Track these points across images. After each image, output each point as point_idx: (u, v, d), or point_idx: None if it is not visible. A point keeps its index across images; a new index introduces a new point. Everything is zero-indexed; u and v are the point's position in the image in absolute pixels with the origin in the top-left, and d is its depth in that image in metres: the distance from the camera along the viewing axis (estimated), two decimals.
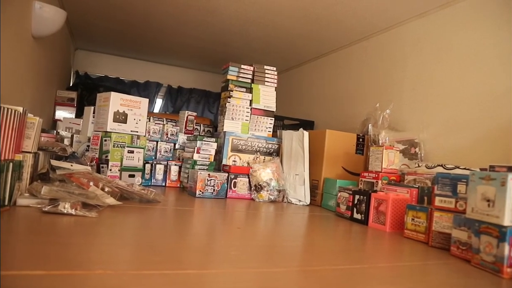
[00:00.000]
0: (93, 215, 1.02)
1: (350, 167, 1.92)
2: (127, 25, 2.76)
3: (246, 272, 0.70)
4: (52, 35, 1.97)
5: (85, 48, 3.69)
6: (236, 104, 1.96)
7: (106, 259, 0.68)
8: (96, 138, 1.70)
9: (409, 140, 1.88)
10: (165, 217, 1.17)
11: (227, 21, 2.47)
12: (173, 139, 2.10)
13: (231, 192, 1.78)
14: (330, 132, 1.88)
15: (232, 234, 1.02)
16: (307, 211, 1.64)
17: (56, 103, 2.75)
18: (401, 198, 1.34)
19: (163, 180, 1.97)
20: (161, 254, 0.75)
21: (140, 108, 1.76)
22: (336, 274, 0.75)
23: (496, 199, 0.86)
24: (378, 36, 2.37)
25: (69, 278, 0.57)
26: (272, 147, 1.99)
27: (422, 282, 0.76)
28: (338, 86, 2.75)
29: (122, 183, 1.38)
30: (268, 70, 2.04)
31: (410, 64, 2.08)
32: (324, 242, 1.05)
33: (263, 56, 3.20)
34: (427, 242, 1.13)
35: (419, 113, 1.96)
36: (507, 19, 1.59)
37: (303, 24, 2.37)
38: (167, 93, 4.04)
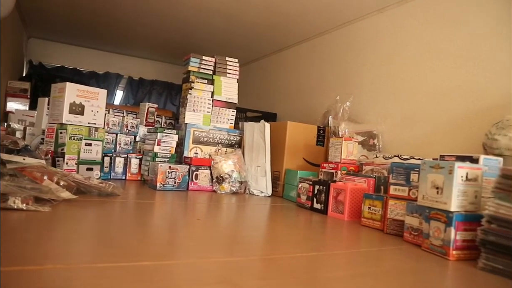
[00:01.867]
0: (46, 210, 0.98)
1: (311, 158, 1.95)
2: (86, 13, 2.65)
3: (205, 262, 0.70)
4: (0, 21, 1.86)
5: (39, 37, 3.52)
6: (197, 96, 1.94)
7: (58, 253, 0.66)
8: (51, 130, 1.64)
9: (368, 132, 1.94)
10: (125, 211, 1.15)
11: (189, 12, 2.44)
12: (134, 132, 2.05)
13: (192, 184, 1.76)
14: (291, 124, 1.91)
15: (192, 226, 1.02)
16: (268, 202, 1.66)
17: (7, 94, 2.62)
18: (359, 188, 1.38)
19: (123, 173, 1.92)
20: (118, 247, 0.74)
21: (98, 100, 1.71)
22: (295, 261, 0.76)
23: (444, 187, 0.91)
24: (339, 30, 2.41)
25: (18, 274, 0.55)
26: (234, 139, 1.99)
27: (376, 266, 0.79)
28: (300, 79, 2.78)
29: (79, 176, 1.34)
30: (230, 62, 2.03)
31: (369, 58, 2.14)
32: (285, 232, 1.07)
33: (226, 48, 3.18)
34: (382, 229, 1.18)
35: (377, 105, 2.02)
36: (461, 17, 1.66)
37: (266, 16, 2.37)
38: (128, 85, 3.94)
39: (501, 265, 0.78)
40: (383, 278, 0.72)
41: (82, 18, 2.80)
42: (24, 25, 3.09)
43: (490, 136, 1.26)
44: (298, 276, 0.67)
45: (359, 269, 0.76)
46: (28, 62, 3.51)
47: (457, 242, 0.87)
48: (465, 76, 1.61)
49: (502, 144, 1.21)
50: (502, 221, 0.78)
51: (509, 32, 1.46)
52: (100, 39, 3.39)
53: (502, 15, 1.50)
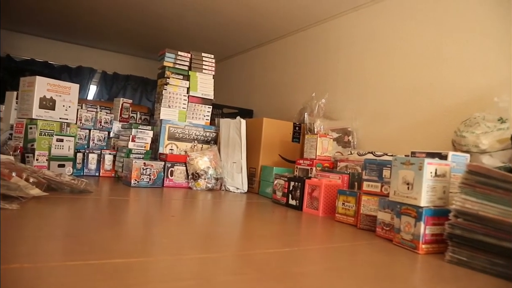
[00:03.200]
0: (14, 207, 0.95)
1: (287, 155, 1.97)
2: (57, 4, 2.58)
3: (179, 259, 0.70)
4: None
5: (7, 28, 3.39)
6: (173, 92, 1.92)
7: (25, 252, 0.64)
8: (20, 125, 1.59)
9: (343, 129, 1.97)
10: (98, 208, 1.12)
11: (164, 5, 2.40)
12: (107, 127, 2.01)
13: (168, 181, 1.75)
14: (267, 120, 1.91)
15: (166, 223, 1.01)
16: (244, 198, 1.66)
17: None
18: (333, 184, 1.40)
19: (96, 169, 1.89)
20: (89, 244, 0.72)
21: (69, 94, 1.67)
22: (270, 257, 0.77)
23: (414, 182, 0.93)
24: (314, 28, 2.43)
25: None
26: (210, 135, 1.98)
27: (349, 261, 0.81)
28: (276, 76, 2.79)
29: (49, 173, 1.31)
30: (206, 58, 2.01)
31: (343, 55, 2.16)
32: (260, 228, 1.07)
33: (202, 44, 3.15)
34: (356, 224, 1.20)
35: (352, 102, 2.05)
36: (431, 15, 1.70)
37: (243, 12, 2.36)
38: (102, 80, 3.85)
39: (466, 258, 0.81)
40: (355, 271, 0.73)
41: (54, 10, 2.72)
42: None
43: (458, 133, 1.30)
44: (272, 271, 0.68)
45: (332, 263, 0.78)
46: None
47: (426, 236, 0.90)
48: (435, 74, 1.65)
49: (469, 141, 1.24)
50: (468, 215, 0.81)
51: (477, 29, 1.51)
52: (73, 32, 3.29)
53: (469, 13, 1.54)
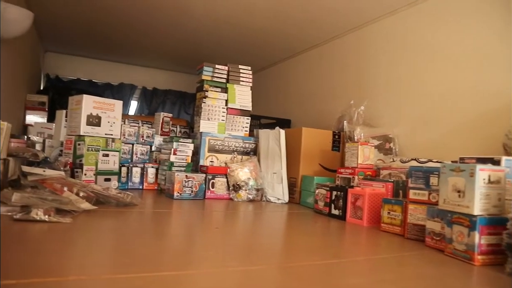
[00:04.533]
0: (67, 221, 0.99)
1: (327, 164, 1.94)
2: (98, 26, 2.70)
3: (225, 271, 0.70)
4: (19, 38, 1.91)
5: (55, 51, 3.59)
6: (211, 104, 1.95)
7: (80, 264, 0.66)
8: (69, 142, 1.66)
9: (384, 136, 1.92)
10: (143, 220, 1.15)
11: (200, 21, 2.46)
12: (149, 141, 2.07)
13: (209, 193, 1.77)
14: (306, 130, 1.90)
15: (210, 235, 1.02)
16: (285, 209, 1.65)
17: (26, 108, 2.67)
18: (377, 193, 1.36)
19: (140, 183, 1.94)
20: (138, 257, 0.74)
21: (114, 111, 1.73)
22: (314, 269, 0.75)
23: (466, 190, 0.89)
24: (351, 34, 2.40)
25: (41, 285, 0.55)
26: (249, 146, 1.99)
27: (397, 273, 0.78)
28: (313, 84, 2.78)
29: (97, 187, 1.36)
30: (243, 70, 2.04)
31: (382, 60, 2.12)
32: (303, 239, 1.06)
33: (237, 56, 3.19)
34: (403, 234, 1.16)
35: (392, 109, 2.00)
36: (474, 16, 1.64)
37: (276, 23, 2.38)
38: (142, 95, 3.98)
39: None
40: (406, 284, 0.70)
41: (96, 32, 2.86)
42: (40, 39, 3.16)
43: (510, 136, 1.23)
44: (318, 284, 0.67)
45: (380, 276, 0.75)
46: (45, 75, 3.59)
47: (482, 246, 0.85)
48: (479, 75, 1.58)
49: None
50: None
51: None
52: (114, 51, 3.44)
53: None
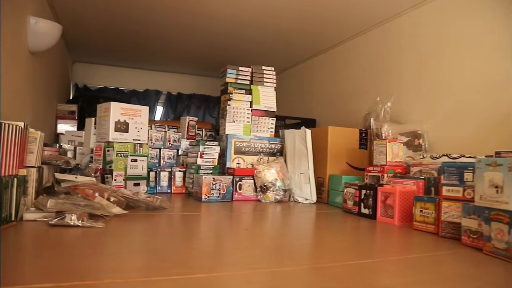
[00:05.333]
0: (100, 226, 1.02)
1: (355, 162, 1.91)
2: (123, 35, 2.76)
3: (256, 273, 0.70)
4: (49, 50, 1.97)
5: (82, 61, 3.70)
6: (236, 107, 1.95)
7: (114, 267, 0.67)
8: (99, 149, 1.70)
9: (412, 132, 1.87)
10: (172, 223, 1.17)
11: (221, 25, 2.47)
12: (176, 145, 2.10)
13: (237, 195, 1.77)
14: (332, 128, 1.88)
15: (240, 236, 1.02)
16: (314, 209, 1.64)
17: (57, 117, 2.76)
18: (408, 190, 1.33)
19: (168, 186, 1.97)
20: (170, 260, 0.75)
21: (141, 117, 1.76)
22: (347, 269, 0.74)
23: (504, 185, 0.85)
24: (374, 30, 2.36)
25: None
26: (275, 147, 1.98)
27: (433, 272, 0.76)
28: (337, 83, 2.75)
29: (127, 192, 1.38)
30: (266, 71, 2.03)
31: (408, 55, 2.07)
32: (333, 239, 1.05)
33: (260, 58, 3.19)
34: (437, 232, 1.12)
35: (420, 104, 1.95)
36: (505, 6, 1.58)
37: (298, 23, 2.36)
38: (167, 100, 4.04)
39: None
40: (444, 284, 0.68)
41: (121, 41, 2.92)
42: (69, 51, 3.26)
43: None
44: (351, 284, 0.65)
45: (415, 276, 0.73)
46: (74, 85, 3.69)
47: None
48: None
49: None
50: None
51: None
52: (139, 59, 3.51)
53: None
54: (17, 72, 1.67)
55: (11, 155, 0.99)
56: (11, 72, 1.57)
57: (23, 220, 1.04)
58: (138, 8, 2.24)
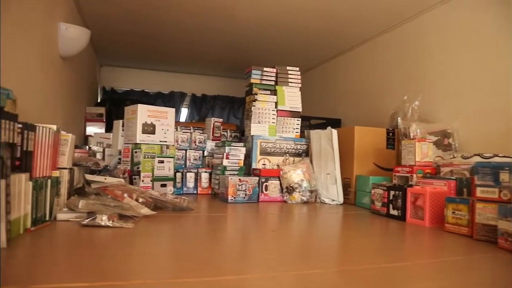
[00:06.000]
0: (130, 226, 1.03)
1: (382, 163, 1.88)
2: (148, 38, 2.81)
3: (286, 275, 0.69)
4: (78, 54, 2.02)
5: (109, 64, 3.78)
6: (261, 107, 1.95)
7: (145, 268, 0.68)
8: (127, 150, 1.73)
9: (442, 131, 1.82)
10: (200, 224, 1.17)
11: (245, 26, 2.48)
12: (202, 147, 2.11)
13: (263, 196, 1.77)
14: (358, 128, 1.85)
15: (267, 238, 1.01)
16: (341, 210, 1.62)
17: (86, 120, 2.82)
18: (438, 191, 1.29)
19: (194, 187, 1.98)
20: (199, 261, 0.75)
21: (167, 118, 1.78)
22: (377, 273, 0.72)
23: None
24: (399, 28, 2.31)
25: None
26: (301, 147, 1.97)
27: (468, 277, 0.73)
28: (363, 82, 2.71)
29: (155, 193, 1.40)
30: (291, 71, 2.02)
31: (435, 52, 2.02)
32: (362, 241, 1.03)
33: (284, 58, 3.18)
34: (471, 235, 1.09)
35: (449, 102, 1.90)
36: None
37: (322, 22, 2.34)
38: (192, 102, 4.08)
39: None
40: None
41: (147, 44, 2.97)
42: (96, 55, 3.34)
43: None
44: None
45: (448, 281, 0.70)
46: (102, 88, 3.78)
47: None
48: None
49: None
50: None
51: None
52: (164, 61, 3.56)
53: None
54: (49, 77, 1.72)
55: (45, 157, 1.01)
56: (44, 77, 1.62)
57: (56, 220, 1.07)
58: (163, 11, 2.27)
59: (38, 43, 1.53)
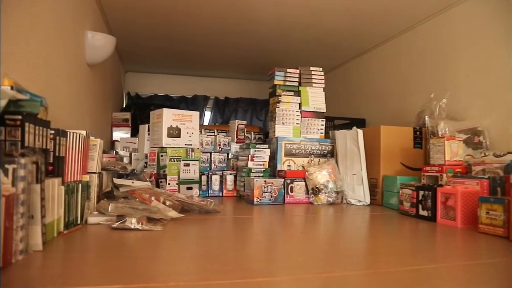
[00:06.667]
0: (159, 229, 1.04)
1: (409, 162, 1.84)
2: (171, 43, 2.85)
3: (316, 277, 0.68)
4: (104, 61, 2.07)
5: (134, 70, 3.85)
6: (285, 109, 1.95)
7: (175, 270, 0.69)
8: (153, 154, 1.76)
9: (471, 129, 1.77)
10: (227, 226, 1.18)
11: (267, 28, 2.48)
12: (226, 149, 2.12)
13: (288, 197, 1.76)
14: (384, 127, 1.82)
15: (295, 239, 1.01)
16: (368, 211, 1.59)
17: (112, 125, 2.88)
18: (470, 191, 1.26)
19: (219, 190, 1.99)
20: (229, 263, 0.75)
21: (192, 122, 1.80)
22: (411, 275, 0.71)
23: None
24: (424, 24, 2.26)
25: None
26: (326, 148, 1.95)
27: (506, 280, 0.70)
28: (387, 81, 2.66)
29: (181, 195, 1.41)
30: (314, 71, 2.01)
31: (463, 48, 1.97)
32: (392, 242, 1.01)
33: (307, 59, 3.17)
34: (507, 236, 1.05)
35: (480, 98, 1.84)
36: None
37: (345, 21, 2.32)
38: (215, 105, 4.11)
39: None
40: None
41: (170, 50, 3.02)
42: (121, 61, 3.41)
43: None
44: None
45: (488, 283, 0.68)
46: (127, 94, 3.86)
47: None
48: None
49: None
50: None
51: None
52: (187, 66, 3.60)
53: None
54: (77, 84, 1.76)
55: (76, 162, 1.04)
56: (72, 84, 1.66)
57: (87, 224, 1.09)
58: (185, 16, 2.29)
59: (68, 52, 1.57)
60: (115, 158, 1.84)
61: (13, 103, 0.77)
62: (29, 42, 1.14)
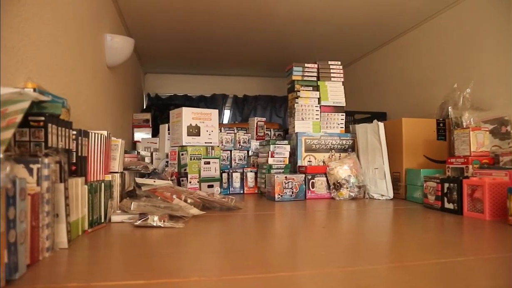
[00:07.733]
0: (180, 226, 1.05)
1: (432, 155, 1.79)
2: (189, 42, 2.86)
3: (339, 271, 0.67)
4: (123, 63, 2.10)
5: (153, 71, 3.90)
6: (304, 104, 1.93)
7: (198, 266, 0.69)
8: (174, 153, 1.77)
9: (498, 119, 1.72)
10: (248, 223, 1.17)
11: (285, 23, 2.46)
12: (246, 147, 2.12)
13: (310, 193, 1.75)
14: (406, 120, 1.78)
15: (318, 234, 0.99)
16: (391, 205, 1.56)
17: (133, 126, 2.92)
18: (499, 182, 1.21)
19: (240, 187, 1.99)
20: (251, 258, 0.75)
21: (211, 120, 1.80)
22: (438, 268, 0.69)
23: None
24: (447, 12, 2.20)
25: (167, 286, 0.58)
26: (347, 143, 1.93)
27: None
28: (407, 72, 2.61)
29: (203, 193, 1.42)
30: (333, 65, 1.98)
31: (487, 36, 1.90)
32: (418, 236, 0.98)
33: (325, 53, 3.13)
34: None
35: (505, 87, 1.78)
36: None
37: (364, 12, 2.28)
38: (234, 103, 4.12)
39: None
40: None
41: (187, 50, 3.04)
42: (140, 63, 3.46)
43: None
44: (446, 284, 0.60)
45: None
46: (147, 95, 3.91)
47: None
48: None
49: None
50: None
51: None
52: (205, 65, 3.62)
53: None
54: (98, 86, 1.79)
55: (98, 162, 1.06)
56: (93, 86, 1.69)
57: (111, 222, 1.11)
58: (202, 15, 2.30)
59: (88, 55, 1.60)
60: (137, 158, 1.87)
61: (36, 104, 0.79)
62: (51, 46, 1.17)
